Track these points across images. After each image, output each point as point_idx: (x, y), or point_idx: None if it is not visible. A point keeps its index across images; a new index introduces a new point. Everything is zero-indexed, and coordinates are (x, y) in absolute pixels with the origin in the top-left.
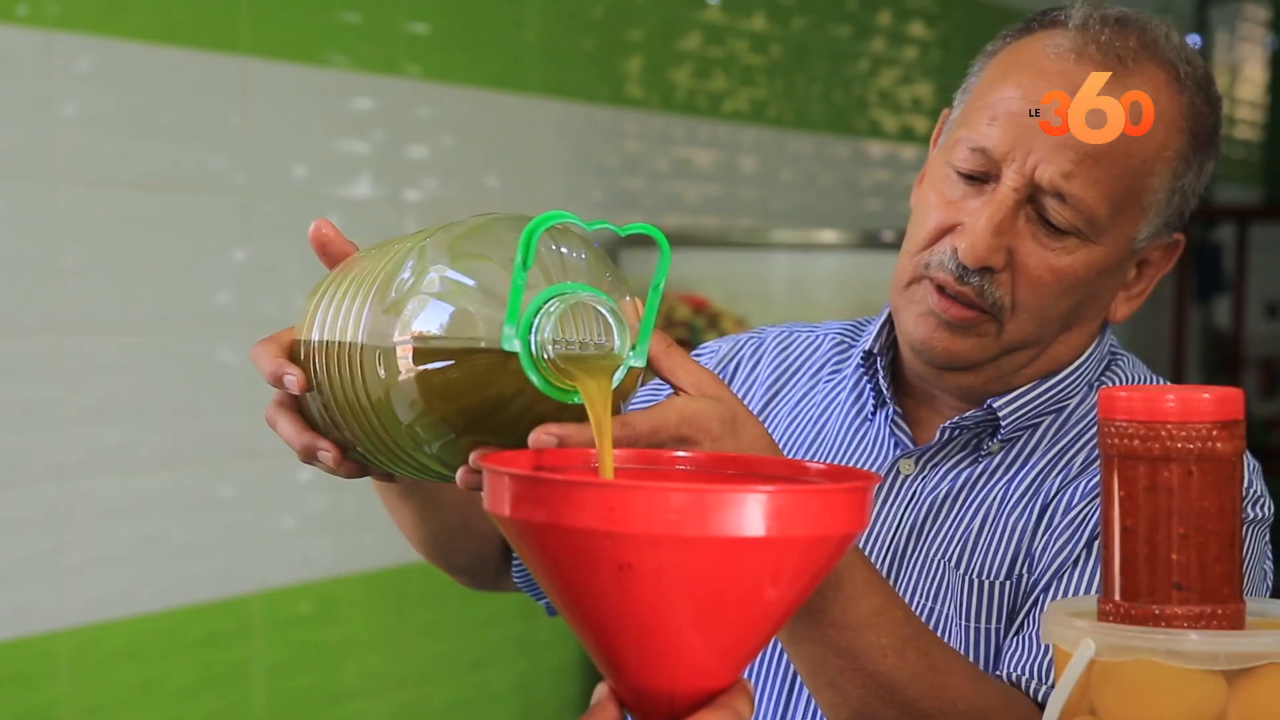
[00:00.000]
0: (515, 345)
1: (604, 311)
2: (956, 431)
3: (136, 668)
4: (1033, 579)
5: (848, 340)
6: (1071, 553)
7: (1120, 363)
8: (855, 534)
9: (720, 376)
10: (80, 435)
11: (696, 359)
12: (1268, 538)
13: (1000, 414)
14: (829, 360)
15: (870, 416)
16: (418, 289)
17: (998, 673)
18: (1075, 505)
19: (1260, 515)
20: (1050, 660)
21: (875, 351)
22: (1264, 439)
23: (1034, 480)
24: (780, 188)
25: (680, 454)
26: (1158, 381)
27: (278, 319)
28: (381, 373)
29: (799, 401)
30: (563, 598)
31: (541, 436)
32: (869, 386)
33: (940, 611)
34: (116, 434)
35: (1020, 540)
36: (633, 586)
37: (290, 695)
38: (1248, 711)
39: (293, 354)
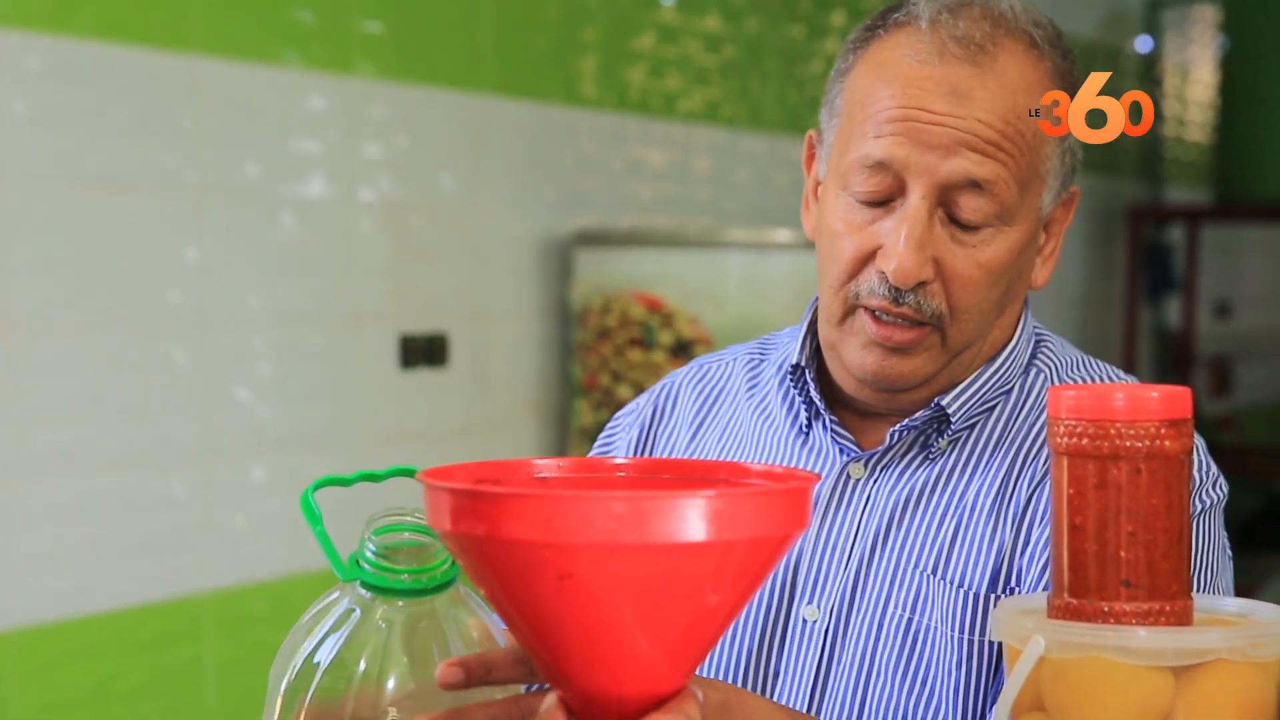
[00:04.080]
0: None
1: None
2: (906, 432)
3: (87, 668)
4: None
5: (756, 357)
6: None
7: (1049, 345)
8: (795, 534)
9: (642, 432)
10: (30, 435)
11: (617, 423)
12: (1223, 519)
13: (949, 410)
14: (743, 382)
15: (805, 429)
16: None
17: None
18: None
19: (1220, 497)
20: None
21: (802, 364)
22: (1214, 438)
23: (1000, 483)
24: (734, 188)
25: (619, 460)
26: (1085, 360)
27: (230, 319)
28: None
29: (726, 425)
30: (506, 609)
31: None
32: (800, 400)
33: (923, 623)
34: (67, 433)
35: (999, 553)
36: (575, 595)
37: (242, 695)
38: (1195, 707)
39: None
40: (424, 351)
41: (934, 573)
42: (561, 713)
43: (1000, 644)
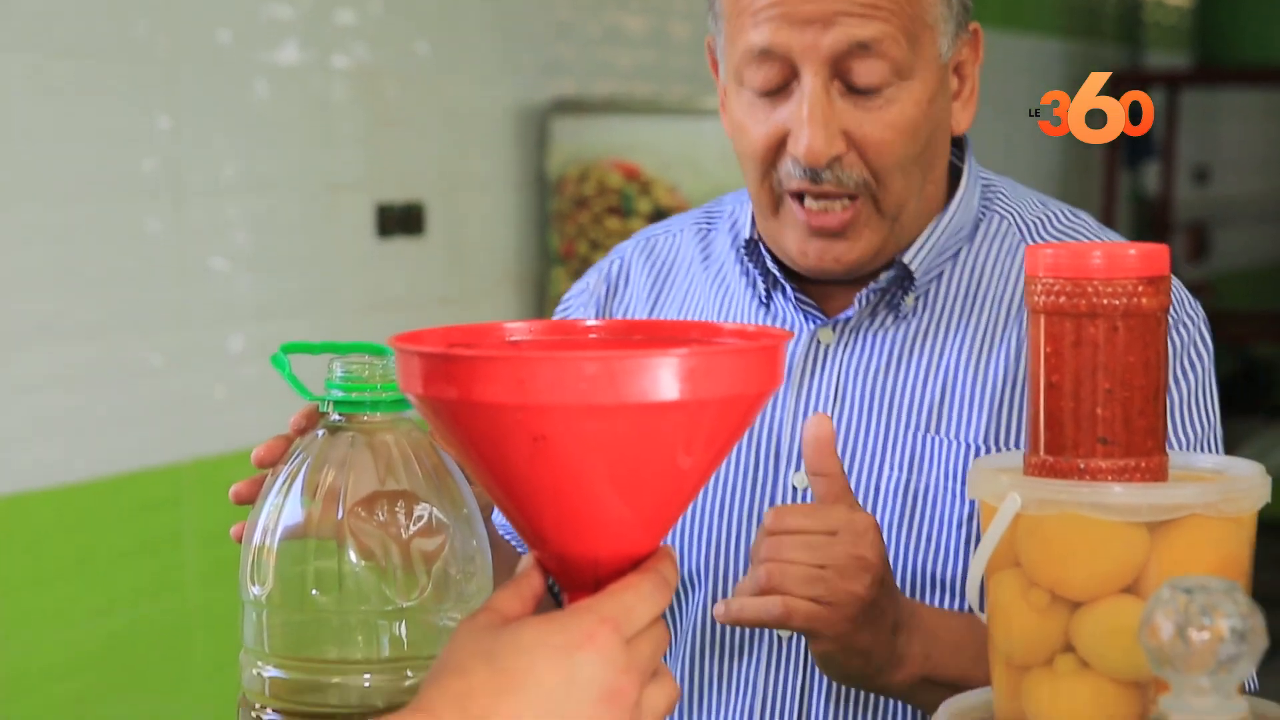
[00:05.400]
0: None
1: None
2: (872, 295)
3: (68, 537)
4: None
5: (704, 226)
6: None
7: (1000, 190)
8: (768, 392)
9: (598, 310)
10: (6, 305)
11: (567, 303)
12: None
13: (911, 265)
14: (696, 252)
15: (765, 300)
16: None
17: None
18: None
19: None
20: None
21: (755, 238)
22: None
23: (983, 339)
24: None
25: (590, 322)
26: (1041, 200)
27: (204, 187)
28: None
29: (684, 298)
30: (480, 472)
31: None
32: (757, 272)
33: (923, 482)
34: (42, 304)
35: (993, 408)
36: (549, 457)
37: (223, 562)
38: (1169, 562)
39: None
40: (400, 220)
41: (928, 430)
42: (538, 573)
43: None
